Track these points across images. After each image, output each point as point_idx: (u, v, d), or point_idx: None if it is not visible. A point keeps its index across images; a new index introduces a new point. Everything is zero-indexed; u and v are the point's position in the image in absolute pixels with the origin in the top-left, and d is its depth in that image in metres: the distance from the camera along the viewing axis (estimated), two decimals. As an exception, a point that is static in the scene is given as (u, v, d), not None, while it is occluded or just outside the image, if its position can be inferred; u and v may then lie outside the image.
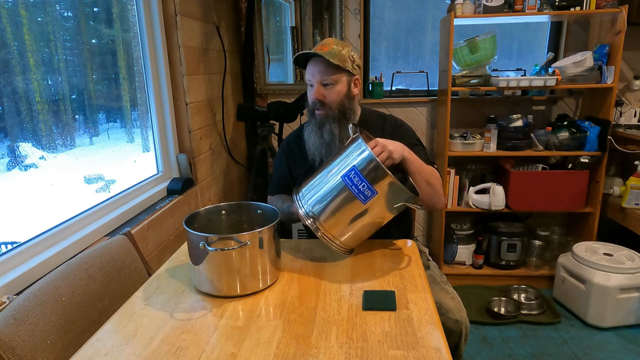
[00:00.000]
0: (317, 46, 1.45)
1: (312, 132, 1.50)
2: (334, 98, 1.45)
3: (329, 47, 1.42)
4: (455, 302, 1.44)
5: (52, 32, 1.51)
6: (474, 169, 2.81)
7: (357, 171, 1.13)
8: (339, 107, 1.46)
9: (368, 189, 1.13)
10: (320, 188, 1.20)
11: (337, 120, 1.46)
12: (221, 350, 0.89)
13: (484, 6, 2.39)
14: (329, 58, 1.39)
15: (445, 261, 2.86)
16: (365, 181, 1.13)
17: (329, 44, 1.44)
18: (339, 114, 1.46)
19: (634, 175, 2.44)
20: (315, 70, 1.44)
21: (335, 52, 1.41)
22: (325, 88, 1.44)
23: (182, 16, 1.98)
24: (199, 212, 1.24)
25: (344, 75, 1.45)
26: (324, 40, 1.47)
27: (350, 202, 1.16)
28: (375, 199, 1.14)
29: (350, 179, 1.14)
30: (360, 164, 1.14)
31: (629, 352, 2.15)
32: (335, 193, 1.17)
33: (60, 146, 1.56)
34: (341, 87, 1.45)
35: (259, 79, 2.91)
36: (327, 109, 1.45)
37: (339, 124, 1.46)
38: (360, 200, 1.14)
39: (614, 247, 2.46)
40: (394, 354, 0.86)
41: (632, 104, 2.75)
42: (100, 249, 1.29)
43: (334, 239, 1.21)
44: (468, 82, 2.51)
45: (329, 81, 1.43)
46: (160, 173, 2.01)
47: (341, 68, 1.42)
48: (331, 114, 1.46)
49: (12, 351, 0.89)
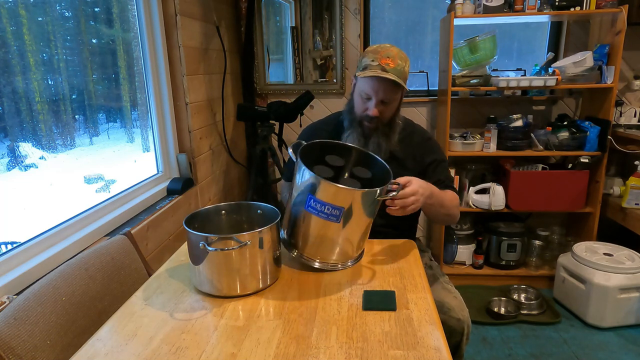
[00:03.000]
0: (382, 57, 1.36)
1: (355, 140, 1.47)
2: (388, 115, 1.45)
3: (395, 63, 1.36)
4: (458, 301, 1.45)
5: (52, 32, 1.51)
6: (474, 169, 2.81)
7: (314, 198, 1.09)
8: (389, 121, 1.47)
9: (334, 209, 1.09)
10: (295, 224, 1.18)
11: (384, 134, 1.47)
12: (221, 350, 0.89)
13: (484, 6, 2.39)
14: (397, 79, 1.35)
15: (445, 261, 2.86)
16: (326, 204, 1.08)
17: (394, 58, 1.36)
18: (387, 128, 1.47)
19: (634, 175, 2.44)
20: (380, 88, 1.38)
21: (401, 70, 1.37)
22: (384, 105, 1.42)
23: (182, 16, 1.98)
24: (199, 212, 1.24)
25: (400, 92, 1.44)
26: (388, 49, 1.38)
27: (327, 227, 1.13)
28: (346, 212, 1.10)
29: (313, 207, 1.10)
30: (314, 189, 1.10)
31: (629, 352, 2.15)
32: (309, 224, 1.14)
33: (60, 146, 1.56)
34: (395, 104, 1.46)
35: (259, 79, 2.91)
36: (379, 123, 1.45)
37: (385, 137, 1.47)
38: (333, 221, 1.11)
39: (614, 247, 2.46)
40: (394, 354, 0.86)
41: (632, 104, 2.75)
42: (100, 249, 1.29)
43: (335, 262, 1.20)
44: (468, 82, 2.51)
45: (388, 100, 1.41)
46: (160, 173, 2.01)
47: (402, 86, 1.40)
48: (381, 127, 1.46)
49: (12, 351, 0.89)
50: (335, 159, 1.32)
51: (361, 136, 1.47)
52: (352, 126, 1.49)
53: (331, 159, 1.32)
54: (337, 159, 1.32)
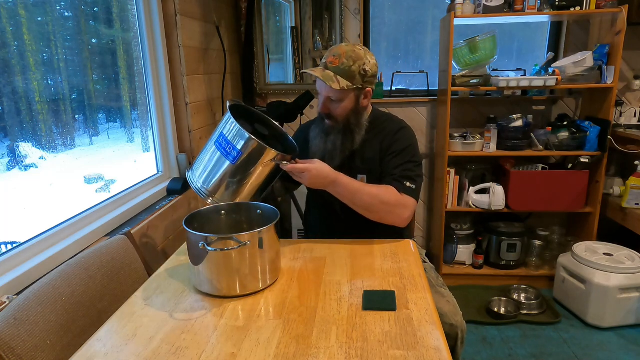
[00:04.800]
0: (329, 56, 1.42)
1: (318, 135, 1.53)
2: (340, 113, 1.46)
3: (339, 61, 1.38)
4: (451, 305, 1.42)
5: (52, 32, 1.51)
6: (474, 169, 2.81)
7: (224, 136, 1.27)
8: (344, 121, 1.48)
9: (233, 149, 1.26)
10: (204, 158, 1.34)
11: (342, 132, 1.48)
12: (221, 350, 0.89)
13: (484, 6, 2.39)
14: (332, 79, 1.37)
15: (445, 261, 2.86)
16: (230, 143, 1.26)
17: (339, 57, 1.39)
18: (344, 127, 1.48)
19: (634, 175, 2.44)
20: (322, 86, 1.43)
21: (344, 69, 1.38)
22: (331, 103, 1.45)
23: (182, 16, 1.98)
24: (198, 212, 1.24)
25: (351, 92, 1.43)
26: (337, 49, 1.41)
27: (222, 162, 1.28)
28: (244, 159, 1.26)
29: (220, 143, 1.28)
30: (226, 130, 1.27)
31: (629, 352, 2.15)
32: (213, 159, 1.31)
33: (60, 146, 1.56)
34: (347, 103, 1.45)
35: (259, 79, 2.91)
36: (334, 121, 1.48)
37: (343, 136, 1.48)
38: (230, 160, 1.27)
39: (614, 247, 2.46)
40: (394, 354, 0.86)
41: (632, 104, 2.75)
42: (100, 249, 1.29)
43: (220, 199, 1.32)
44: (468, 82, 2.51)
45: (335, 98, 1.43)
46: (160, 173, 2.01)
47: (351, 85, 1.40)
48: (337, 126, 1.48)
49: (12, 351, 0.89)
50: (261, 128, 1.49)
51: (323, 133, 1.51)
52: (319, 123, 1.53)
53: (259, 127, 1.49)
54: (262, 129, 1.49)
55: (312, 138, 1.55)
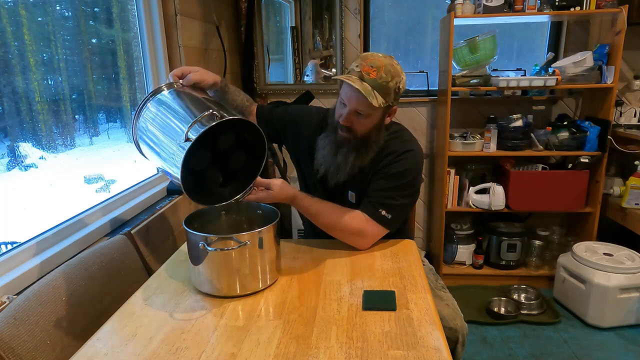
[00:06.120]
0: (364, 65, 1.25)
1: (327, 144, 1.39)
2: (362, 128, 1.32)
3: (377, 75, 1.23)
4: (450, 309, 1.40)
5: (52, 32, 1.51)
6: (474, 169, 2.81)
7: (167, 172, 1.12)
8: (363, 137, 1.34)
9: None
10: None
11: (356, 149, 1.35)
12: (221, 350, 0.89)
13: (484, 6, 2.39)
14: (365, 90, 1.22)
15: (445, 261, 2.86)
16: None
17: (378, 69, 1.23)
18: (361, 143, 1.34)
19: (634, 175, 2.44)
20: (353, 97, 1.26)
21: (382, 84, 1.24)
22: (357, 117, 1.30)
23: (182, 16, 1.98)
24: (198, 212, 1.24)
25: (382, 108, 1.29)
26: (375, 60, 1.25)
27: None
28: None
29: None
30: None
31: (629, 352, 2.15)
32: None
33: (60, 146, 1.57)
34: (373, 119, 1.31)
35: (259, 79, 2.91)
36: (351, 135, 1.34)
37: (356, 153, 1.35)
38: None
39: (614, 247, 2.46)
40: (394, 354, 0.86)
41: (632, 104, 2.75)
42: (100, 249, 1.29)
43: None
44: (468, 82, 2.51)
45: (364, 113, 1.28)
46: (160, 173, 2.01)
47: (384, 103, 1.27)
48: (353, 141, 1.34)
49: (12, 351, 0.89)
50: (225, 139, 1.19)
51: (333, 143, 1.37)
52: (330, 132, 1.40)
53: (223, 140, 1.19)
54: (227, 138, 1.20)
55: (319, 147, 1.42)
